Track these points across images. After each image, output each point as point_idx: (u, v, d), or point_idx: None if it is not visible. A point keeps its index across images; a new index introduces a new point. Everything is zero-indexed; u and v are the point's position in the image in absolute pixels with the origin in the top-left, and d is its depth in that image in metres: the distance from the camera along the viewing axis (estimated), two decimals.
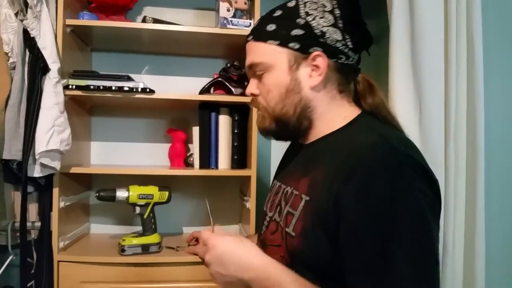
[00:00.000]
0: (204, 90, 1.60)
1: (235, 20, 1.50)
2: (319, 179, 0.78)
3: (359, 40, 0.86)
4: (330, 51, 0.83)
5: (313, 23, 0.83)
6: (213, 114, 1.59)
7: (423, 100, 1.38)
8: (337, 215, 0.70)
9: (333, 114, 0.86)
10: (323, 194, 0.74)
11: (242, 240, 0.79)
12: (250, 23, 1.51)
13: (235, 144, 1.62)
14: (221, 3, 1.51)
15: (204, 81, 1.65)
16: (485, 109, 1.50)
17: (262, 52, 0.87)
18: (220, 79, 1.61)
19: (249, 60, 0.90)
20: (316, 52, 0.83)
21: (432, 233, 0.68)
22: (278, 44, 0.85)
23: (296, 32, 0.84)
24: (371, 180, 0.68)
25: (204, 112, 1.59)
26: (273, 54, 0.86)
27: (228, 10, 1.50)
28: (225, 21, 1.50)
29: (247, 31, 1.49)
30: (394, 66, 1.39)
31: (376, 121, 0.84)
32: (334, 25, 0.83)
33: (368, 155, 0.71)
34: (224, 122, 1.60)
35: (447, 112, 1.43)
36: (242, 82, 1.59)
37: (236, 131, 1.62)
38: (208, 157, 1.60)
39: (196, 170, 1.58)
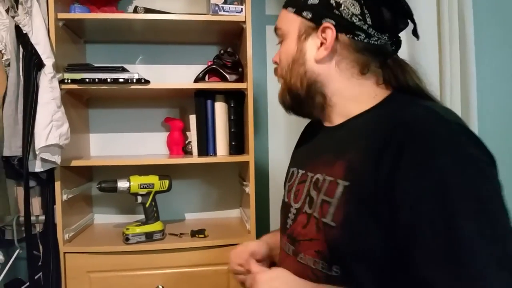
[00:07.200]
0: (199, 78, 1.61)
1: (226, 6, 1.50)
2: (357, 161, 0.71)
3: (385, 18, 0.77)
4: (344, 25, 0.76)
5: None
6: (209, 102, 1.60)
7: None
8: (390, 198, 0.63)
9: (356, 93, 0.79)
10: (367, 176, 0.67)
11: (285, 271, 0.76)
12: (242, 8, 1.50)
13: (232, 131, 1.63)
14: None
15: (198, 68, 1.66)
16: (477, 83, 1.54)
17: (282, 19, 0.85)
18: (214, 66, 1.61)
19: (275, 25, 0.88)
20: (327, 23, 0.77)
21: (504, 203, 0.60)
22: (294, 12, 0.82)
23: (312, 0, 0.79)
24: (428, 154, 0.61)
25: (200, 100, 1.60)
26: (289, 22, 0.83)
27: None
28: (216, 8, 1.49)
29: (238, 17, 1.50)
30: None
31: (414, 97, 0.75)
32: None
33: (418, 128, 0.64)
34: (220, 109, 1.61)
35: (442, 86, 1.45)
36: (236, 68, 1.60)
37: (232, 118, 1.63)
38: (206, 145, 1.61)
39: (195, 158, 1.60)
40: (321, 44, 0.78)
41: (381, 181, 0.64)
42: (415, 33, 0.81)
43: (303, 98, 0.83)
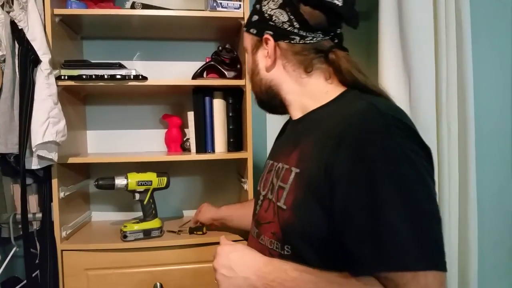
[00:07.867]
0: (197, 75, 1.60)
1: (224, 2, 1.49)
2: (308, 150, 0.79)
3: (311, 18, 0.82)
4: (279, 33, 0.86)
5: (264, 8, 0.87)
6: (207, 98, 1.59)
7: (412, 77, 1.39)
8: (330, 183, 0.70)
9: (308, 90, 0.88)
10: (314, 164, 0.75)
11: (244, 246, 0.86)
12: (240, 5, 1.49)
13: (231, 127, 1.62)
14: None
15: (196, 65, 1.65)
16: (474, 83, 1.55)
17: (244, 39, 0.97)
18: (212, 62, 1.60)
19: None
20: (266, 35, 0.87)
21: (429, 191, 0.68)
22: (246, 31, 0.94)
23: (255, 18, 0.90)
24: (361, 144, 0.68)
25: (198, 97, 1.59)
26: (247, 40, 0.95)
27: None
28: (214, 4, 1.48)
29: (237, 13, 1.49)
30: (383, 42, 1.39)
31: (364, 94, 0.81)
32: (282, 6, 0.84)
33: (356, 120, 0.72)
34: (218, 105, 1.60)
35: (438, 88, 1.45)
36: (234, 65, 1.59)
37: (231, 114, 1.62)
38: (204, 141, 1.60)
39: (193, 155, 1.59)
40: (267, 53, 0.88)
41: (323, 167, 0.72)
42: (349, 22, 0.86)
43: (266, 101, 0.96)
